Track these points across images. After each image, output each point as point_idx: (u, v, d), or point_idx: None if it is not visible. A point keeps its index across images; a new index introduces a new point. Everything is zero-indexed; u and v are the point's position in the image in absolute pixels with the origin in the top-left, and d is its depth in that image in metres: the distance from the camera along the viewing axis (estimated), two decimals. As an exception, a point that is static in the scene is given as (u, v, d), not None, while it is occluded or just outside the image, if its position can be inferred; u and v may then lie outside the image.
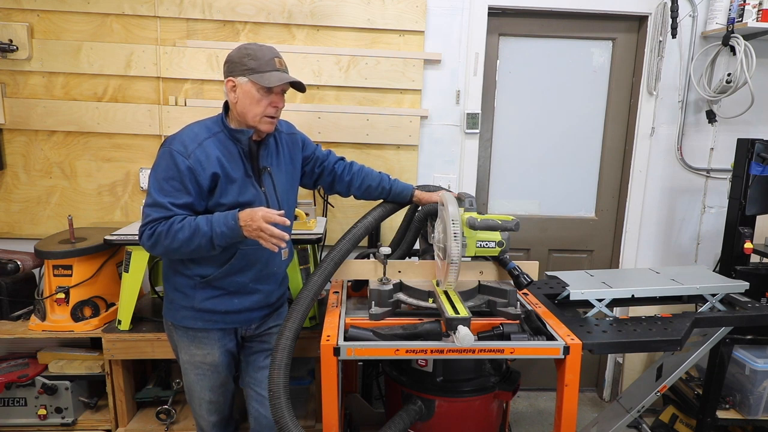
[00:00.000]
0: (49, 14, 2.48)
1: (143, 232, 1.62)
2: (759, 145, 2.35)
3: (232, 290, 1.77)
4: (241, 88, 1.65)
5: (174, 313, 1.80)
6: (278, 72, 1.68)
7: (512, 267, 1.85)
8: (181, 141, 1.63)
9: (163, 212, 1.59)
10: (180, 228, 1.58)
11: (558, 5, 2.69)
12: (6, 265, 2.28)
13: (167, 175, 1.60)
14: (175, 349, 1.89)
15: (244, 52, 1.66)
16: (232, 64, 1.67)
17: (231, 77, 1.66)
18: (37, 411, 2.27)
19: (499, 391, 1.92)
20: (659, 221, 2.94)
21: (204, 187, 1.64)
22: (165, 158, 1.62)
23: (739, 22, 2.53)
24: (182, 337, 1.81)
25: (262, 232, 1.57)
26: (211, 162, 1.63)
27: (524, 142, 2.93)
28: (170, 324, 1.84)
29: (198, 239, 1.59)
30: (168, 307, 1.83)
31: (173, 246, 1.59)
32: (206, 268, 1.72)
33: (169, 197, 1.60)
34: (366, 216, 2.02)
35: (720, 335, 2.16)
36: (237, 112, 1.69)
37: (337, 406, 1.67)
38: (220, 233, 1.59)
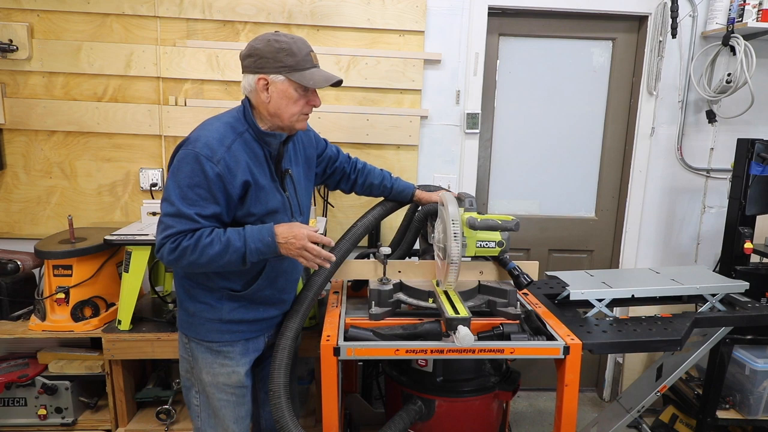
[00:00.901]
0: (49, 14, 2.48)
1: (164, 244, 1.44)
2: (759, 145, 2.35)
3: (260, 302, 1.68)
4: (276, 86, 1.51)
5: (197, 327, 1.64)
6: (317, 69, 1.56)
7: (512, 267, 1.85)
8: (208, 144, 1.45)
9: (188, 224, 1.44)
10: (209, 242, 1.44)
11: (558, 5, 2.69)
12: (6, 265, 2.28)
13: (192, 182, 1.43)
14: (190, 370, 1.70)
15: (277, 47, 1.49)
16: (262, 60, 1.49)
17: (263, 75, 1.50)
18: (37, 411, 2.27)
19: (499, 391, 1.92)
20: (659, 221, 2.94)
21: (234, 197, 1.49)
22: (189, 162, 1.44)
23: (739, 22, 2.53)
24: (205, 353, 1.65)
25: (306, 252, 1.50)
26: (241, 168, 1.49)
27: (524, 142, 2.93)
28: (191, 340, 1.67)
29: (229, 255, 1.46)
30: (188, 322, 1.66)
31: (200, 261, 1.45)
32: (233, 283, 1.61)
33: (195, 207, 1.44)
34: (366, 215, 2.01)
35: (720, 335, 2.16)
36: (269, 112, 1.54)
37: (337, 406, 1.67)
38: (255, 249, 1.47)
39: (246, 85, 1.55)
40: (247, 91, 1.56)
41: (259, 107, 1.56)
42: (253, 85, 1.52)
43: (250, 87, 1.54)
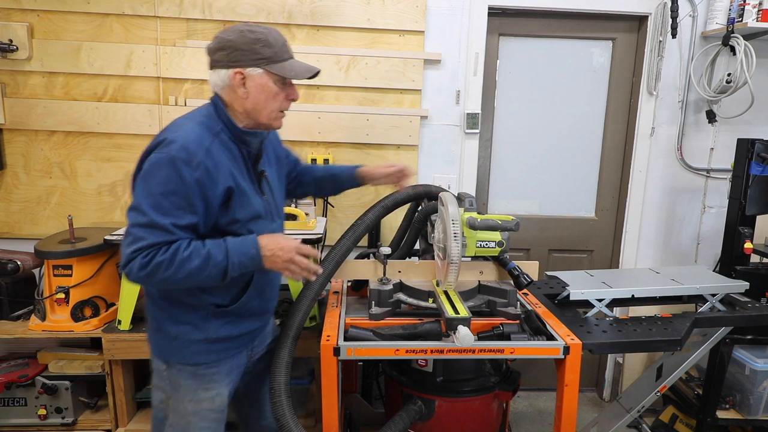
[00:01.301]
0: (49, 14, 2.48)
1: (133, 259, 1.28)
2: (759, 145, 2.35)
3: (247, 314, 1.58)
4: (254, 81, 1.40)
5: (181, 351, 1.49)
6: (295, 60, 1.47)
7: (512, 267, 1.85)
8: (184, 146, 1.32)
9: (163, 236, 1.30)
10: (187, 256, 1.31)
11: (558, 5, 2.69)
12: (6, 265, 2.28)
13: (167, 188, 1.29)
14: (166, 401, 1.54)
15: (252, 37, 1.39)
16: (236, 52, 1.38)
17: (239, 69, 1.39)
18: (37, 411, 2.27)
19: (499, 391, 1.92)
20: (659, 221, 2.94)
21: (213, 204, 1.37)
22: (164, 167, 1.30)
23: (739, 22, 2.53)
24: (188, 380, 1.51)
25: (293, 265, 1.42)
26: (222, 172, 1.37)
27: (524, 142, 2.93)
28: (172, 366, 1.51)
29: (209, 270, 1.34)
30: (169, 346, 1.50)
31: (176, 278, 1.31)
32: (220, 297, 1.49)
33: (171, 217, 1.30)
34: (366, 213, 2.01)
35: (720, 335, 2.16)
36: (245, 109, 1.44)
37: (337, 406, 1.67)
38: (238, 263, 1.37)
39: (217, 82, 1.43)
40: (218, 87, 1.44)
41: (233, 104, 1.44)
42: (226, 80, 1.41)
43: (222, 83, 1.42)
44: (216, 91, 1.45)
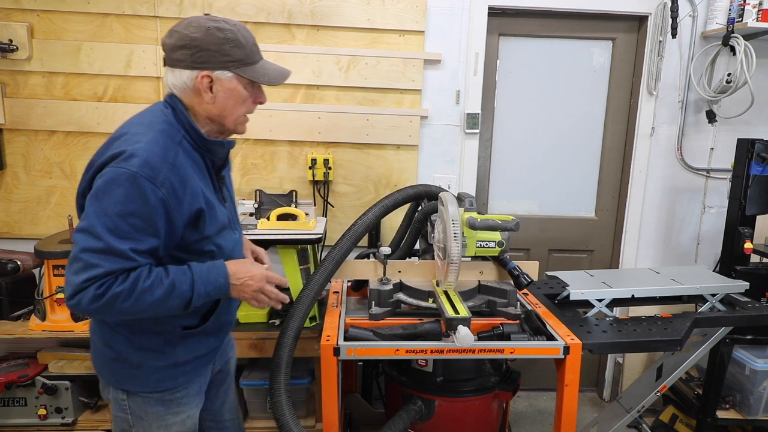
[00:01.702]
0: (49, 14, 2.48)
1: (84, 289, 1.12)
2: (759, 145, 2.35)
3: (213, 331, 1.45)
4: (222, 85, 1.27)
5: (144, 379, 1.35)
6: (266, 61, 1.35)
7: (512, 267, 1.85)
8: (147, 161, 1.16)
9: (121, 263, 1.14)
10: (148, 286, 1.17)
11: (558, 5, 2.69)
12: (6, 265, 2.28)
13: (127, 209, 1.14)
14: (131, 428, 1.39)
15: (221, 36, 1.24)
16: (203, 53, 1.24)
17: (206, 71, 1.25)
18: (37, 411, 2.26)
19: (499, 391, 1.92)
20: (659, 221, 2.94)
21: (178, 225, 1.23)
22: (123, 185, 1.13)
23: (739, 22, 2.53)
24: (155, 406, 1.37)
25: (262, 295, 1.35)
26: (189, 190, 1.24)
27: (524, 142, 2.93)
28: (133, 396, 1.36)
29: (171, 301, 1.21)
30: (130, 375, 1.35)
31: (134, 309, 1.18)
32: (190, 318, 1.37)
33: (130, 241, 1.15)
34: (366, 213, 2.01)
35: (720, 335, 2.16)
36: (210, 114, 1.31)
37: (337, 406, 1.67)
38: (203, 293, 1.25)
39: (177, 83, 1.28)
40: (178, 89, 1.29)
41: (195, 108, 1.30)
42: (189, 83, 1.27)
43: (183, 85, 1.27)
44: (174, 92, 1.30)
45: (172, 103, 1.31)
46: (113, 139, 1.24)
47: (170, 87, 1.30)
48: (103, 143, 1.27)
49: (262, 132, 2.63)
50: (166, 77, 1.30)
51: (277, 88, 2.61)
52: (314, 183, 2.70)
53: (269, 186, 2.68)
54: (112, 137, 1.25)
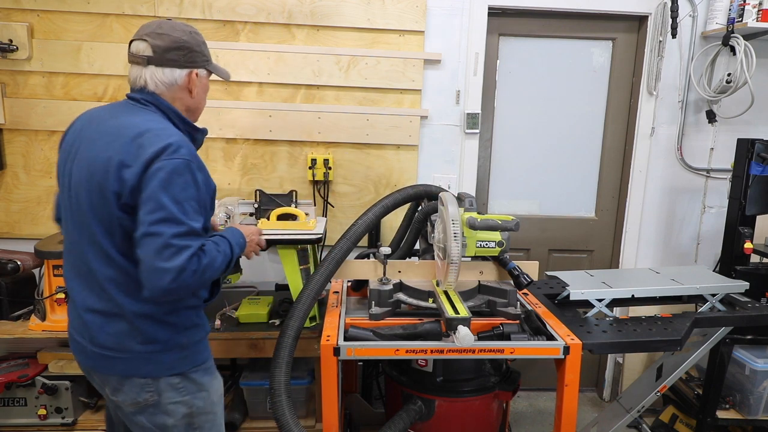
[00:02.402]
0: (49, 14, 2.48)
1: (185, 269, 1.24)
2: (759, 145, 2.35)
3: None
4: (201, 81, 1.47)
5: (194, 355, 1.46)
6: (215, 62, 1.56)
7: (512, 267, 1.86)
8: (189, 150, 1.33)
9: (200, 240, 1.31)
10: (215, 255, 1.34)
11: (558, 5, 2.69)
12: (6, 265, 2.28)
13: (189, 194, 1.29)
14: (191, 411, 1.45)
15: (199, 39, 1.46)
16: (192, 53, 1.43)
17: (195, 69, 1.44)
18: (37, 411, 2.26)
19: (499, 391, 1.92)
20: (659, 221, 2.94)
21: (208, 206, 1.41)
22: (183, 173, 1.28)
23: (739, 22, 2.53)
24: (204, 376, 1.49)
25: (257, 246, 1.63)
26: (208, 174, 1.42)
27: (524, 142, 2.93)
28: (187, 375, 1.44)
29: (224, 264, 1.38)
30: (180, 357, 1.43)
31: (212, 276, 1.34)
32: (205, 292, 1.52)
33: (197, 221, 1.31)
34: (366, 213, 2.01)
35: (720, 335, 2.16)
36: (188, 108, 1.48)
37: (337, 406, 1.67)
38: (236, 254, 1.45)
39: (166, 80, 1.41)
40: (165, 86, 1.42)
41: (175, 103, 1.45)
42: (180, 81, 1.43)
43: (173, 82, 1.42)
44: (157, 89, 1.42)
45: (151, 100, 1.42)
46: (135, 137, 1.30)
47: (156, 84, 1.42)
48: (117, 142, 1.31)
49: (262, 132, 2.63)
50: (150, 75, 1.42)
51: (277, 89, 2.61)
52: (314, 183, 2.70)
53: (269, 186, 2.68)
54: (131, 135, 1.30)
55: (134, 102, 1.43)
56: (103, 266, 1.34)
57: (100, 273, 1.34)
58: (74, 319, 1.45)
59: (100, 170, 1.30)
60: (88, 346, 1.40)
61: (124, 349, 1.37)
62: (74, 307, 1.43)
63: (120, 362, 1.38)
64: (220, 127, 2.59)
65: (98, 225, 1.32)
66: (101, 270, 1.34)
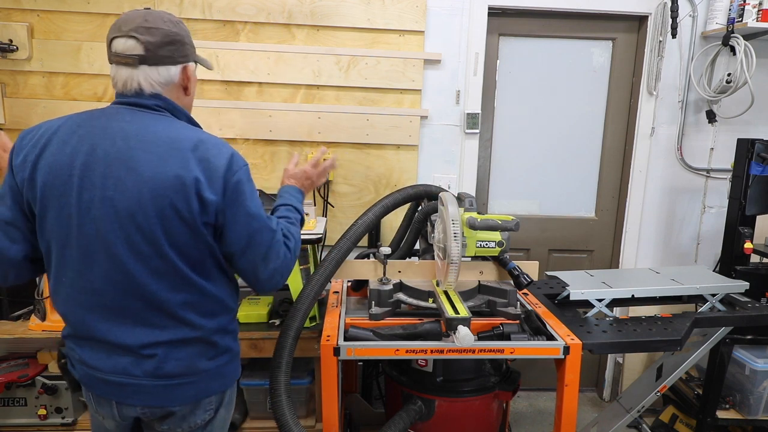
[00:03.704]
0: (49, 14, 2.48)
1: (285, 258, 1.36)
2: (759, 145, 2.35)
3: None
4: (194, 74, 1.38)
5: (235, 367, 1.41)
6: None
7: (512, 267, 1.85)
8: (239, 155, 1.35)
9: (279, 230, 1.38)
10: (292, 228, 1.44)
11: (558, 5, 2.69)
12: (6, 265, 2.28)
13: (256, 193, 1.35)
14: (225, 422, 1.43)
15: (185, 28, 1.35)
16: (186, 47, 1.32)
17: (189, 63, 1.35)
18: (37, 411, 2.26)
19: (499, 391, 1.92)
20: (659, 221, 2.94)
21: None
22: (251, 179, 1.33)
23: (739, 22, 2.53)
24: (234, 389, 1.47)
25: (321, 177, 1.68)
26: None
27: (524, 142, 2.93)
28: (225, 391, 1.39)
29: (300, 226, 1.50)
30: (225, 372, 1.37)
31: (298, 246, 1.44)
32: None
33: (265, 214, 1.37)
34: (366, 212, 2.01)
35: (720, 335, 2.16)
36: (186, 105, 1.38)
37: (337, 406, 1.67)
38: (302, 209, 1.56)
39: (162, 80, 1.27)
40: (162, 85, 1.27)
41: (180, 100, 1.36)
42: (176, 78, 1.30)
43: (169, 80, 1.28)
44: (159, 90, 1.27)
45: (165, 105, 1.28)
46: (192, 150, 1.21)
47: (152, 86, 1.25)
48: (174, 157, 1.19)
49: (262, 132, 2.63)
50: (144, 76, 1.24)
51: (277, 89, 2.62)
52: (314, 183, 2.69)
53: (269, 186, 2.68)
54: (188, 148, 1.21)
55: (145, 109, 1.26)
56: (174, 293, 1.23)
57: (172, 301, 1.23)
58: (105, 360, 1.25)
59: (170, 189, 1.17)
60: (147, 381, 1.25)
61: (195, 372, 1.29)
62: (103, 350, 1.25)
63: (191, 387, 1.29)
64: (220, 127, 2.59)
65: (171, 249, 1.20)
66: (172, 298, 1.23)
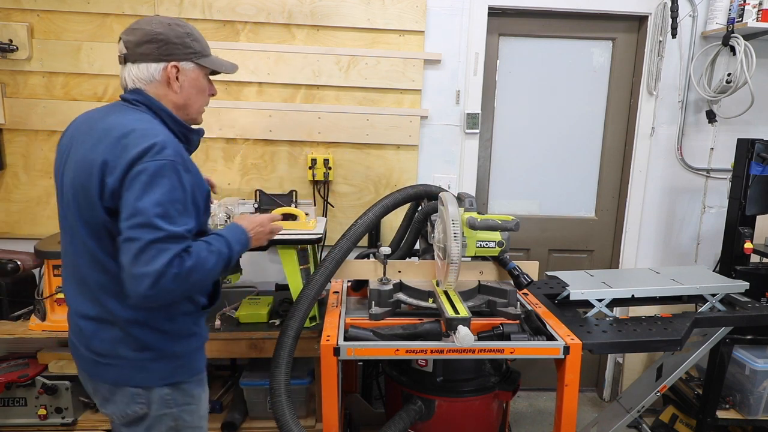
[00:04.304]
0: (49, 14, 2.48)
1: (164, 273, 1.18)
2: (759, 145, 2.35)
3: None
4: (187, 75, 1.38)
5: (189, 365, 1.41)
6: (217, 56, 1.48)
7: (512, 267, 1.85)
8: (175, 150, 1.27)
9: (183, 243, 1.23)
10: (206, 256, 1.27)
11: (558, 5, 2.69)
12: (6, 265, 2.28)
13: (174, 196, 1.23)
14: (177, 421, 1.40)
15: (182, 31, 1.37)
16: (169, 45, 1.34)
17: (174, 62, 1.35)
18: (37, 411, 2.26)
19: (499, 391, 1.92)
20: (659, 221, 2.94)
21: (201, 207, 1.36)
22: (168, 175, 1.22)
23: (739, 22, 2.53)
24: (196, 388, 1.44)
25: (273, 233, 1.55)
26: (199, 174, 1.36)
27: (524, 142, 2.93)
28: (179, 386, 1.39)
29: (219, 264, 1.31)
30: (174, 367, 1.38)
31: (200, 280, 1.28)
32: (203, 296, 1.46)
33: (182, 225, 1.24)
34: (366, 213, 2.01)
35: (720, 335, 2.16)
36: (176, 104, 1.39)
37: (337, 406, 1.67)
38: (237, 252, 1.38)
39: (143, 77, 1.34)
40: (144, 82, 1.35)
41: (162, 100, 1.37)
42: (157, 75, 1.34)
43: (151, 78, 1.34)
44: (139, 86, 1.35)
45: (142, 99, 1.34)
46: (119, 138, 1.24)
47: (134, 82, 1.35)
48: (103, 143, 1.25)
49: (262, 132, 2.63)
50: (128, 73, 1.35)
51: (277, 89, 2.62)
52: (314, 183, 2.70)
53: (269, 186, 2.68)
54: (116, 136, 1.24)
55: (126, 102, 1.36)
56: (93, 272, 1.30)
57: (91, 279, 1.31)
58: (71, 323, 1.41)
59: (85, 172, 1.26)
60: (84, 351, 1.36)
61: (116, 356, 1.33)
62: (70, 312, 1.41)
63: (112, 369, 1.34)
64: (220, 127, 2.60)
65: (85, 228, 1.29)
66: (92, 276, 1.30)
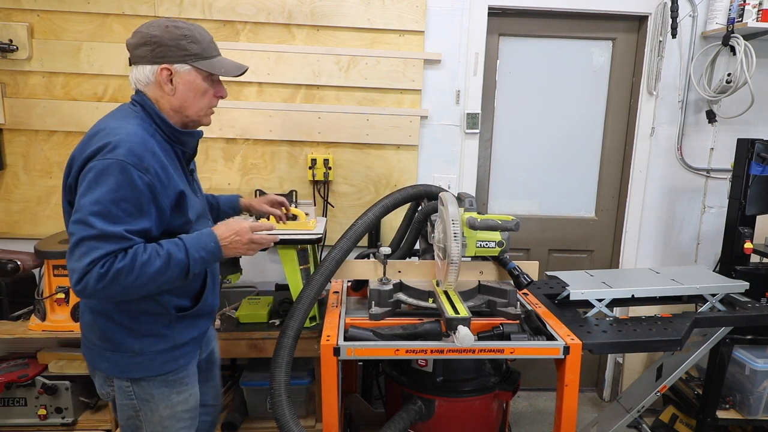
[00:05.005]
0: (49, 14, 2.48)
1: (89, 271, 1.20)
2: (759, 145, 2.35)
3: (202, 313, 1.54)
4: (181, 77, 1.38)
5: (147, 365, 1.42)
6: (224, 57, 1.47)
7: (512, 267, 1.85)
8: (131, 150, 1.26)
9: (118, 243, 1.23)
10: (147, 260, 1.25)
11: (558, 5, 2.69)
12: (6, 265, 2.28)
13: (119, 195, 1.23)
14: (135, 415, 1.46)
15: (178, 33, 1.36)
16: (162, 48, 1.35)
17: (165, 65, 1.36)
18: (37, 411, 2.26)
19: (499, 391, 1.92)
20: (659, 221, 2.94)
21: (165, 208, 1.33)
22: (114, 174, 1.23)
23: (739, 22, 2.53)
24: (160, 388, 1.45)
25: (254, 244, 1.44)
26: (169, 175, 1.34)
27: (524, 142, 2.93)
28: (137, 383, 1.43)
29: (171, 270, 1.29)
30: (132, 363, 1.41)
31: (137, 284, 1.25)
32: (183, 299, 1.47)
33: (123, 224, 1.24)
34: (366, 213, 2.01)
35: (720, 335, 2.16)
36: (172, 106, 1.40)
37: (337, 406, 1.67)
38: (198, 259, 1.33)
39: (140, 78, 1.39)
40: (141, 84, 1.40)
41: (160, 102, 1.40)
42: (151, 77, 1.38)
43: (146, 79, 1.39)
44: (139, 88, 1.41)
45: (139, 100, 1.40)
46: (91, 136, 1.32)
47: (135, 83, 1.42)
48: (81, 140, 1.35)
49: (262, 132, 2.63)
50: (132, 74, 1.42)
51: (277, 88, 2.62)
52: (314, 183, 2.70)
53: (269, 186, 2.68)
54: (89, 134, 1.34)
55: (129, 103, 1.44)
56: None
57: None
58: None
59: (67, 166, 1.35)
60: None
61: (89, 341, 1.46)
62: None
63: (87, 352, 1.48)
64: (220, 127, 2.60)
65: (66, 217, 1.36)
66: None
